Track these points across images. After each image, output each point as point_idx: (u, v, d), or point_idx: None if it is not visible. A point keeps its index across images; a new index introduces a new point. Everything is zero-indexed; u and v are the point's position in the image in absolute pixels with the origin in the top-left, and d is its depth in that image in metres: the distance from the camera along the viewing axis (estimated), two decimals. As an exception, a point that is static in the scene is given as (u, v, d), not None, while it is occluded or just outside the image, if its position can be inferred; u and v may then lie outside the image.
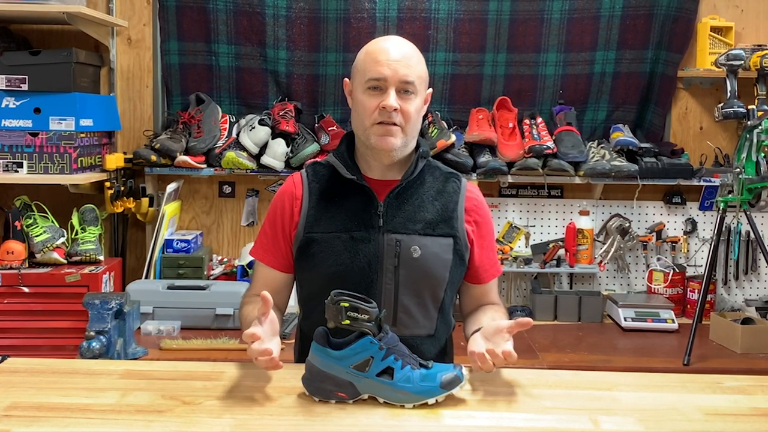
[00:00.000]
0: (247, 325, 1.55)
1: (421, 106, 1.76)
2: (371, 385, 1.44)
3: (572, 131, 3.16)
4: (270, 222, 1.82)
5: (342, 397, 1.45)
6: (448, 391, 1.44)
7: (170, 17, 3.22)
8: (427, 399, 1.43)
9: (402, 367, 1.43)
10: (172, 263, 3.06)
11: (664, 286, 3.19)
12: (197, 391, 1.51)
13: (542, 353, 2.67)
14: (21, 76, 2.85)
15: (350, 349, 1.44)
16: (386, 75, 1.68)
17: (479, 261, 1.82)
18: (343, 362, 1.44)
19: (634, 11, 3.22)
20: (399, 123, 1.70)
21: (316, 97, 3.27)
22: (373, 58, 1.71)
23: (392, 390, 1.43)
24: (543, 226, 3.32)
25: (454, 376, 1.45)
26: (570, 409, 1.46)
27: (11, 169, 2.87)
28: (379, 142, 1.70)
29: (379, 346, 1.43)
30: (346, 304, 1.42)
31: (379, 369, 1.43)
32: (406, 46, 1.75)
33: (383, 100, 1.68)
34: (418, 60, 1.74)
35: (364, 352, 1.43)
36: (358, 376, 1.44)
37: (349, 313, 1.42)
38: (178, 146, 3.05)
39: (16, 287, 2.75)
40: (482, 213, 1.83)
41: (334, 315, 1.43)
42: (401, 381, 1.43)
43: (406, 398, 1.43)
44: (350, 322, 1.42)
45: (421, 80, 1.74)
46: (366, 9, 3.20)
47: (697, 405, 1.49)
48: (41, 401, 1.45)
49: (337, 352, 1.45)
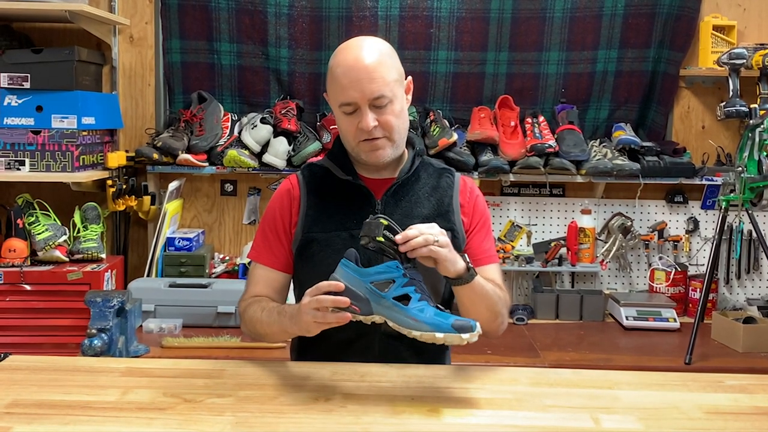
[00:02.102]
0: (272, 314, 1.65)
1: (402, 106, 1.74)
2: (386, 306, 1.46)
3: (574, 130, 3.16)
4: (269, 223, 1.82)
5: (355, 310, 1.46)
6: (458, 333, 1.41)
7: (172, 15, 3.22)
8: (435, 332, 1.42)
9: (419, 300, 1.45)
10: (174, 261, 3.06)
11: (666, 285, 3.18)
12: (198, 389, 1.51)
13: (544, 352, 2.67)
14: (23, 74, 2.85)
15: (376, 268, 1.47)
16: (355, 98, 1.67)
17: (471, 248, 1.81)
18: (365, 278, 1.47)
19: (636, 10, 3.21)
20: (382, 135, 1.70)
21: (318, 95, 3.27)
22: (340, 83, 1.68)
23: (404, 315, 1.44)
24: (545, 224, 3.32)
25: (467, 323, 1.42)
26: (571, 408, 1.46)
27: (13, 167, 2.87)
28: (369, 157, 1.73)
29: (403, 273, 1.46)
30: (385, 222, 1.47)
31: (397, 293, 1.45)
32: (370, 55, 1.68)
33: (360, 121, 1.68)
34: (385, 64, 1.69)
35: (387, 273, 1.46)
36: (375, 295, 1.46)
37: (386, 232, 1.47)
38: (179, 144, 3.05)
39: (18, 285, 2.75)
40: (477, 204, 1.84)
41: (371, 230, 1.47)
42: (415, 309, 1.44)
43: (415, 325, 1.43)
44: (384, 240, 1.46)
45: (394, 83, 1.70)
46: (368, 7, 3.20)
47: (698, 403, 1.49)
48: (42, 399, 1.45)
49: (363, 269, 1.48)
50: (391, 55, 1.73)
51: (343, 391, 1.50)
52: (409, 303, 1.44)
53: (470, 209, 1.83)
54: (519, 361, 2.57)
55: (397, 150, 1.75)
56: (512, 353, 2.63)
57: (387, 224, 1.47)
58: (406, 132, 1.77)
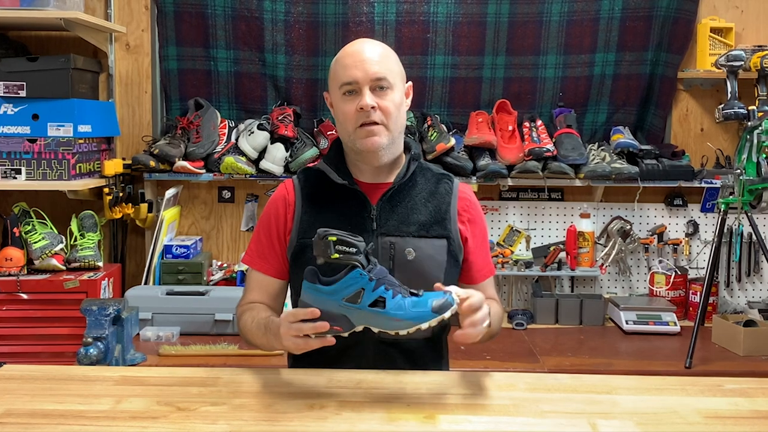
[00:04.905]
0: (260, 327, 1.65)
1: (401, 101, 1.75)
2: (365, 315, 1.45)
3: (572, 134, 3.15)
4: (264, 229, 1.81)
5: (337, 330, 1.46)
6: (440, 315, 1.44)
7: (169, 23, 3.22)
8: (420, 324, 1.44)
9: (393, 297, 1.44)
10: (172, 269, 3.05)
11: (666, 289, 3.17)
12: (192, 397, 1.49)
13: (543, 357, 2.65)
14: (19, 82, 2.84)
15: (341, 283, 1.45)
16: (357, 77, 1.69)
17: (472, 261, 1.83)
18: (335, 296, 1.45)
19: (633, 13, 3.21)
20: (380, 121, 1.70)
21: (315, 101, 3.27)
22: (342, 64, 1.73)
23: (386, 318, 1.44)
24: (544, 229, 3.31)
25: (444, 301, 1.45)
26: (568, 413, 1.45)
27: (9, 175, 2.86)
28: (365, 144, 1.71)
29: (369, 278, 1.44)
30: (333, 238, 1.43)
31: (371, 300, 1.44)
32: (375, 46, 1.75)
33: (360, 101, 1.69)
34: (388, 56, 1.75)
35: (354, 285, 1.44)
36: (350, 309, 1.45)
37: (338, 246, 1.44)
38: (176, 152, 3.04)
39: (15, 294, 2.74)
40: (475, 213, 1.84)
41: (322, 250, 1.44)
42: (393, 309, 1.44)
43: (400, 325, 1.44)
44: (339, 255, 1.43)
45: (395, 74, 1.74)
46: (364, 13, 3.19)
47: (697, 408, 1.48)
48: (35, 408, 1.44)
49: (329, 287, 1.46)
50: (395, 54, 1.78)
51: (339, 398, 1.49)
52: (386, 305, 1.44)
53: (469, 217, 1.82)
54: (518, 366, 2.55)
55: (393, 144, 1.74)
56: (511, 358, 2.62)
57: (336, 239, 1.44)
58: (403, 128, 1.78)
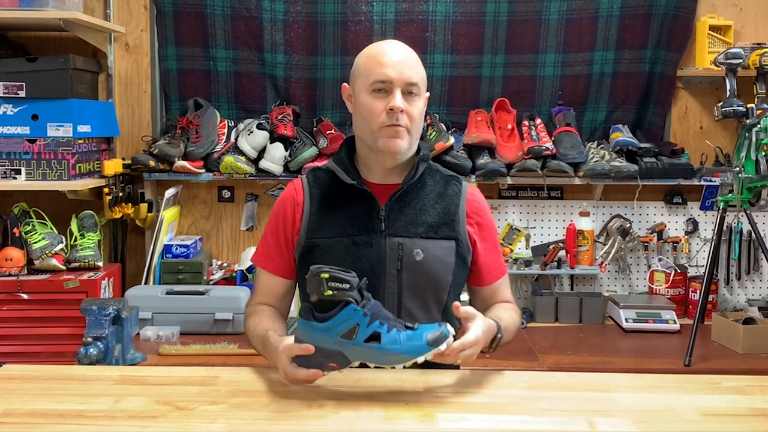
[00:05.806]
0: (259, 341, 1.65)
1: (423, 109, 1.77)
2: (360, 351, 1.45)
3: (571, 132, 3.15)
4: (272, 229, 1.82)
5: (333, 367, 1.47)
6: (435, 348, 1.44)
7: (168, 23, 3.22)
8: (416, 357, 1.45)
9: (388, 331, 1.45)
10: (172, 268, 3.05)
11: (665, 287, 3.17)
12: (191, 397, 1.50)
13: (542, 355, 2.66)
14: (18, 82, 2.84)
15: (336, 320, 1.45)
16: (392, 77, 1.69)
17: (483, 263, 1.83)
18: (330, 333, 1.45)
19: (632, 11, 3.20)
20: (405, 125, 1.71)
21: (315, 100, 3.27)
22: (377, 61, 1.72)
23: (381, 354, 1.45)
24: (543, 227, 3.31)
25: (439, 334, 1.46)
26: (566, 411, 1.45)
27: (9, 175, 2.87)
28: (388, 145, 1.71)
29: (363, 313, 1.45)
30: (326, 275, 1.44)
31: (366, 335, 1.45)
32: (407, 49, 1.77)
33: (390, 102, 1.69)
34: (418, 62, 1.77)
35: (349, 321, 1.45)
36: (346, 345, 1.45)
37: (331, 283, 1.44)
38: (176, 151, 3.05)
39: (15, 294, 2.74)
40: (484, 215, 1.84)
41: (316, 288, 1.44)
42: (389, 344, 1.44)
43: (395, 359, 1.45)
44: (332, 292, 1.44)
45: (423, 82, 1.77)
46: (363, 12, 3.19)
47: (695, 405, 1.48)
48: (34, 408, 1.45)
49: (324, 324, 1.46)
50: (420, 60, 1.78)
51: (337, 397, 1.49)
52: (381, 340, 1.44)
53: (478, 219, 1.83)
54: (518, 364, 2.55)
55: (410, 148, 1.75)
56: (511, 357, 2.62)
57: (329, 276, 1.44)
58: (420, 135, 1.79)
